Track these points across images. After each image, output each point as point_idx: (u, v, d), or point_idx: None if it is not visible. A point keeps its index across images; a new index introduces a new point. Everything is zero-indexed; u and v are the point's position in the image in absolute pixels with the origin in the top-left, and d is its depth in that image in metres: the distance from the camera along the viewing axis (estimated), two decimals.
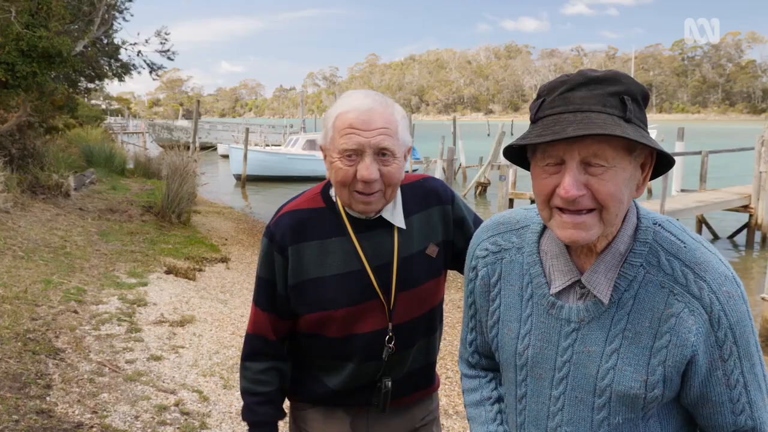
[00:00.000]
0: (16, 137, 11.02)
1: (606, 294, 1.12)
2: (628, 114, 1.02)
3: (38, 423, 3.24)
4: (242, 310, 6.37)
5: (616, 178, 1.04)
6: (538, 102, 1.09)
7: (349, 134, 1.49)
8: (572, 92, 1.04)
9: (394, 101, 1.60)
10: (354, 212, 1.59)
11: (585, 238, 1.07)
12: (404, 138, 1.56)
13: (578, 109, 1.03)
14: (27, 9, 9.93)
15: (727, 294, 1.08)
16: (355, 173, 1.50)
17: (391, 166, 1.52)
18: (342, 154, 1.50)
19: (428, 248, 1.65)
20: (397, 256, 1.60)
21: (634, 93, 1.05)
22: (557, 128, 1.01)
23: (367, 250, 1.59)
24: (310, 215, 1.62)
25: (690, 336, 1.08)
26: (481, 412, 1.40)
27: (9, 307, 4.83)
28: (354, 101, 1.53)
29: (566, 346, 1.17)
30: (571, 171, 1.03)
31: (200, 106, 32.60)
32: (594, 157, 1.03)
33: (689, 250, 1.11)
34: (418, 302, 1.66)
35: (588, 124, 1.00)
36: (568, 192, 1.03)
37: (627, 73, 1.09)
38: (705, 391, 1.11)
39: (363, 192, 1.52)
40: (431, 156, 24.91)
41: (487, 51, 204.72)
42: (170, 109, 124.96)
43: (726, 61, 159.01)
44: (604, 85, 1.04)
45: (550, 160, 1.06)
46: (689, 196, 14.12)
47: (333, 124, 1.54)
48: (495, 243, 1.30)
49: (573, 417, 1.18)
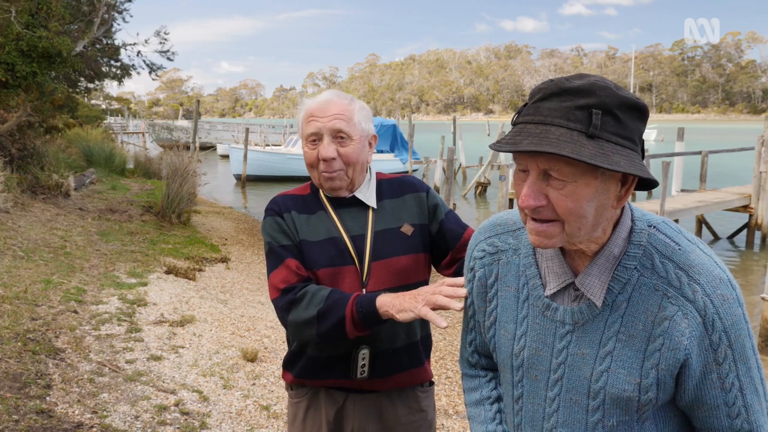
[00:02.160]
0: (16, 137, 11.02)
1: (599, 297, 1.13)
2: (592, 129, 1.00)
3: (38, 423, 3.24)
4: (242, 310, 6.38)
5: (576, 194, 1.04)
6: (521, 106, 1.12)
7: (310, 121, 1.76)
8: (543, 102, 1.05)
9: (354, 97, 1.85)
10: (330, 193, 1.81)
11: (547, 245, 1.09)
12: (361, 125, 1.79)
13: (542, 121, 1.03)
14: (27, 9, 9.93)
15: (721, 297, 1.07)
16: (317, 154, 1.74)
17: (347, 147, 1.75)
18: (307, 139, 1.77)
19: (403, 227, 1.82)
20: (371, 228, 1.79)
21: (609, 106, 1.02)
22: (519, 138, 1.04)
23: (344, 222, 1.79)
24: (298, 198, 1.86)
25: (683, 339, 1.07)
26: (480, 411, 1.40)
27: (9, 307, 4.83)
28: (316, 97, 1.80)
29: (561, 348, 1.17)
30: (529, 181, 1.06)
31: (200, 106, 32.59)
32: (552, 170, 1.04)
33: (683, 252, 1.11)
34: (394, 274, 1.76)
35: (542, 139, 1.01)
36: (524, 201, 1.06)
37: (627, 73, 1.08)
38: (700, 394, 1.11)
39: (326, 170, 1.75)
40: (431, 156, 24.92)
41: (487, 51, 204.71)
42: (170, 109, 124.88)
43: (726, 61, 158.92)
44: (576, 97, 1.02)
45: (519, 167, 1.09)
46: (689, 196, 14.13)
47: (301, 118, 1.80)
48: (492, 244, 1.31)
49: (568, 418, 1.18)
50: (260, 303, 6.88)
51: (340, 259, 1.74)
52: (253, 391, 4.25)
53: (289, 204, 1.82)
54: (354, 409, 1.81)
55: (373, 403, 1.81)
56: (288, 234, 1.77)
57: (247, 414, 3.88)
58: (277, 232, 1.78)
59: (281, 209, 1.81)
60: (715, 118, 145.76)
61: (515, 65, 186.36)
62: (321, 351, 1.77)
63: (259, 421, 3.82)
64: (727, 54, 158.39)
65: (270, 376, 4.57)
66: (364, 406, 1.81)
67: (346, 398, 1.81)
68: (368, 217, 1.80)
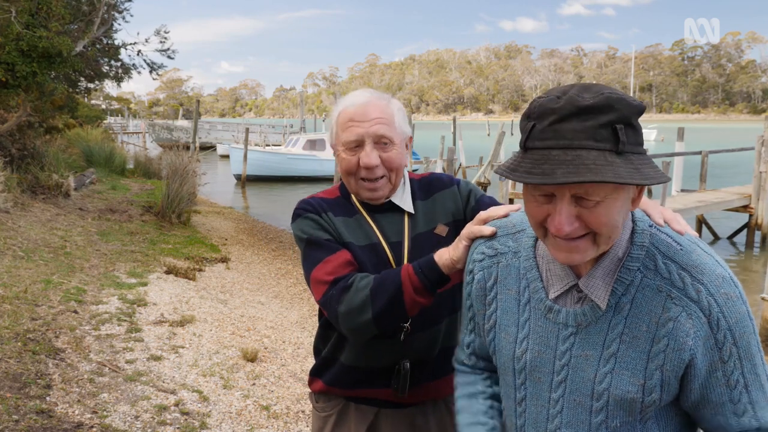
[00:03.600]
0: (16, 137, 11.03)
1: (603, 299, 1.12)
2: (621, 146, 0.99)
3: (38, 423, 3.24)
4: (242, 310, 6.38)
5: (609, 209, 1.03)
6: (528, 125, 1.05)
7: (350, 127, 1.64)
8: (562, 124, 1.00)
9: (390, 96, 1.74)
10: (363, 199, 1.71)
11: (579, 260, 1.08)
12: (401, 127, 1.70)
13: (568, 145, 0.99)
14: (27, 9, 9.93)
15: (725, 296, 1.08)
16: (357, 161, 1.64)
17: (390, 152, 1.65)
18: (346, 146, 1.66)
19: (437, 228, 1.74)
20: (407, 234, 1.71)
21: (628, 117, 1.00)
22: (546, 167, 0.98)
23: (382, 228, 1.71)
24: (330, 200, 1.75)
25: (688, 340, 1.07)
26: (473, 403, 1.39)
27: (9, 307, 4.83)
28: (352, 98, 1.69)
29: (564, 350, 1.17)
30: (562, 208, 1.02)
31: (200, 106, 32.58)
32: (585, 194, 1.01)
33: (686, 252, 1.11)
34: None
35: (578, 166, 0.96)
36: (560, 230, 1.03)
37: (627, 73, 1.07)
38: (705, 393, 1.11)
39: (367, 178, 1.66)
40: (431, 156, 24.90)
41: (487, 51, 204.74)
42: (170, 109, 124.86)
43: (726, 61, 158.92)
44: (597, 114, 0.99)
45: (539, 193, 1.06)
46: (689, 196, 14.12)
47: (336, 122, 1.68)
48: (491, 247, 1.30)
49: (571, 420, 1.18)
50: (260, 303, 6.88)
51: (380, 267, 1.66)
52: (253, 391, 4.25)
53: (324, 205, 1.71)
54: (386, 426, 1.75)
55: (405, 417, 1.75)
56: (329, 231, 1.66)
57: (247, 414, 3.88)
58: (316, 229, 1.65)
59: (317, 209, 1.69)
60: (715, 118, 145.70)
61: (515, 65, 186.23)
62: (358, 361, 1.70)
63: (259, 421, 3.82)
64: (727, 54, 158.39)
65: (270, 376, 4.57)
66: (395, 423, 1.74)
67: (377, 414, 1.75)
68: (404, 223, 1.72)
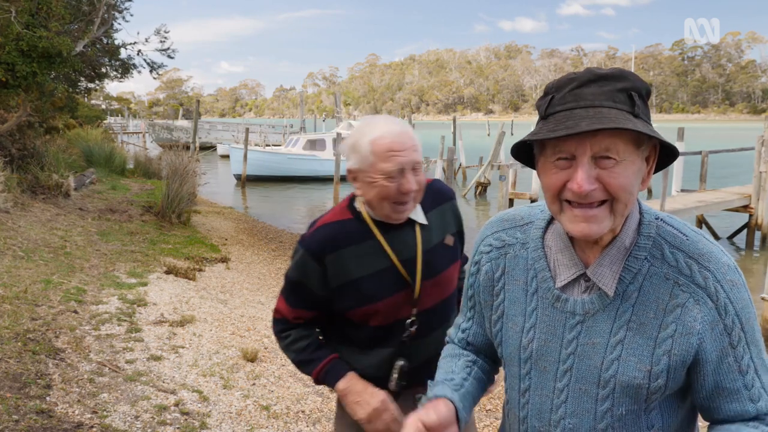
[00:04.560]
0: (16, 137, 11.03)
1: (611, 286, 1.14)
2: (636, 109, 1.06)
3: (38, 423, 3.24)
4: (242, 310, 6.38)
5: (627, 171, 1.06)
6: (546, 99, 1.11)
7: (391, 157, 1.70)
8: (582, 89, 1.07)
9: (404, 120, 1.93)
10: (380, 217, 1.79)
11: (597, 231, 1.09)
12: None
13: (590, 104, 1.05)
14: (27, 9, 9.92)
15: (731, 282, 1.11)
16: (397, 188, 1.71)
17: (421, 175, 1.77)
18: (387, 174, 1.70)
19: (446, 238, 1.88)
20: (420, 248, 1.81)
21: (640, 89, 1.08)
22: (570, 123, 1.04)
23: (394, 247, 1.79)
24: (342, 226, 1.81)
25: (696, 324, 1.09)
26: (454, 362, 1.41)
27: (9, 307, 4.83)
28: (384, 127, 1.73)
29: (571, 339, 1.19)
30: (582, 166, 1.06)
31: (200, 106, 32.59)
32: (605, 151, 1.05)
33: (692, 242, 1.14)
34: (442, 287, 1.85)
35: (601, 118, 1.02)
36: (581, 187, 1.05)
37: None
38: (719, 380, 1.12)
39: (402, 202, 1.74)
40: (431, 156, 24.91)
41: (487, 51, 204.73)
42: (170, 109, 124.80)
43: (726, 61, 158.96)
44: (613, 81, 1.07)
45: (561, 155, 1.08)
46: (689, 196, 14.12)
47: (372, 151, 1.71)
48: (499, 239, 1.32)
49: (576, 409, 1.19)
50: (260, 303, 6.88)
51: (396, 287, 1.79)
52: (253, 391, 4.24)
53: (333, 240, 1.78)
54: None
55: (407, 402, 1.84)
56: (321, 282, 1.78)
57: (247, 414, 3.88)
58: (303, 276, 1.80)
59: (324, 250, 1.77)
60: (715, 118, 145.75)
61: (515, 65, 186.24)
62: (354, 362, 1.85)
63: (259, 421, 3.82)
64: (727, 54, 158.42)
65: (270, 376, 4.57)
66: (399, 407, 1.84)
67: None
68: (417, 236, 1.82)
